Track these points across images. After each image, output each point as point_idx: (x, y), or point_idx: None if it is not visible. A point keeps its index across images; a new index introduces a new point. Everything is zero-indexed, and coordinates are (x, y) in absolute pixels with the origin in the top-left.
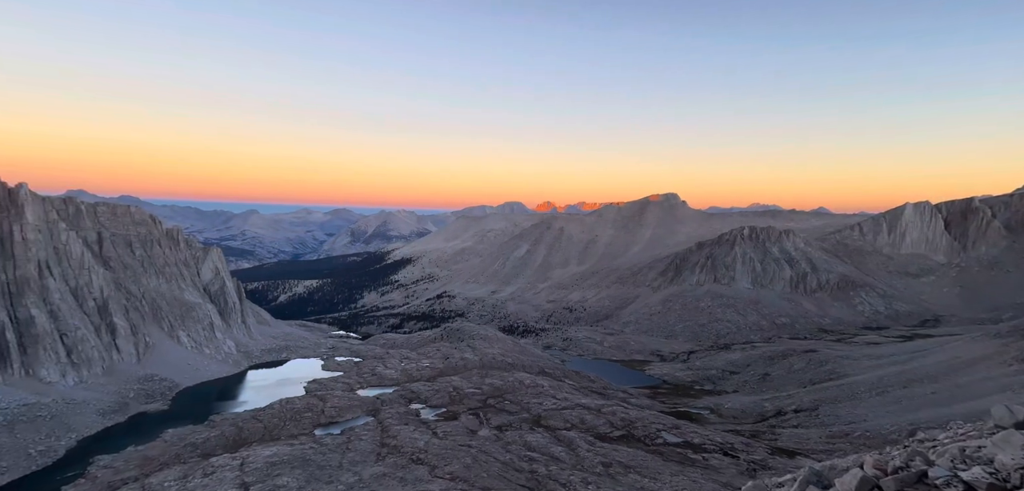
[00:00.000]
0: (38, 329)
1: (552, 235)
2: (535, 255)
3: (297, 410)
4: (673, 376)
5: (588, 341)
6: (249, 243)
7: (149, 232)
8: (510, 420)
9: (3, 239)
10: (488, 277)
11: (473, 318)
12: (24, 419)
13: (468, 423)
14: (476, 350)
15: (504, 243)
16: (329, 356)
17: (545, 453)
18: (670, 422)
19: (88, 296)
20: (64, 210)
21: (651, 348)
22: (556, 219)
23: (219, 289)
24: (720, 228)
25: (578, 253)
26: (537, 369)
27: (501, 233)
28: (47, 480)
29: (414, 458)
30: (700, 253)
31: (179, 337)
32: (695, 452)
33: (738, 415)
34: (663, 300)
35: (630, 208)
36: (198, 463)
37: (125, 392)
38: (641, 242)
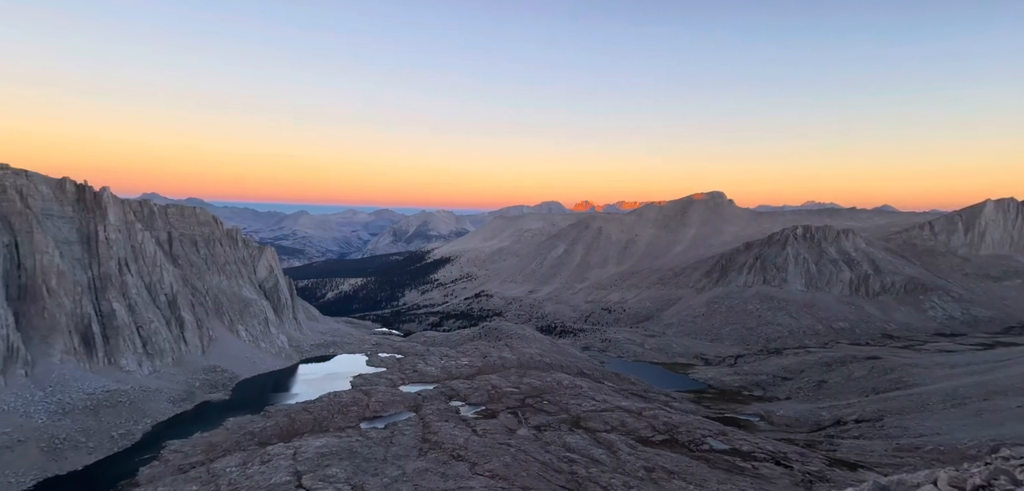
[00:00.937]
0: (119, 321)
1: (590, 235)
2: (573, 255)
3: (344, 404)
4: (719, 381)
5: (628, 343)
6: (299, 242)
7: (212, 232)
8: (549, 420)
9: (90, 238)
10: (525, 277)
11: (510, 317)
12: (107, 404)
13: (507, 422)
14: (514, 349)
15: (541, 243)
16: (373, 352)
17: (585, 455)
18: (716, 428)
19: (160, 291)
20: (140, 212)
21: (695, 351)
22: (594, 218)
23: (273, 286)
24: (770, 227)
25: (617, 253)
26: (575, 370)
27: (538, 233)
28: (127, 461)
29: (454, 454)
30: (748, 253)
31: (238, 331)
32: (744, 460)
33: (791, 423)
34: (708, 302)
35: (672, 207)
36: (256, 451)
37: (192, 382)
38: (684, 242)
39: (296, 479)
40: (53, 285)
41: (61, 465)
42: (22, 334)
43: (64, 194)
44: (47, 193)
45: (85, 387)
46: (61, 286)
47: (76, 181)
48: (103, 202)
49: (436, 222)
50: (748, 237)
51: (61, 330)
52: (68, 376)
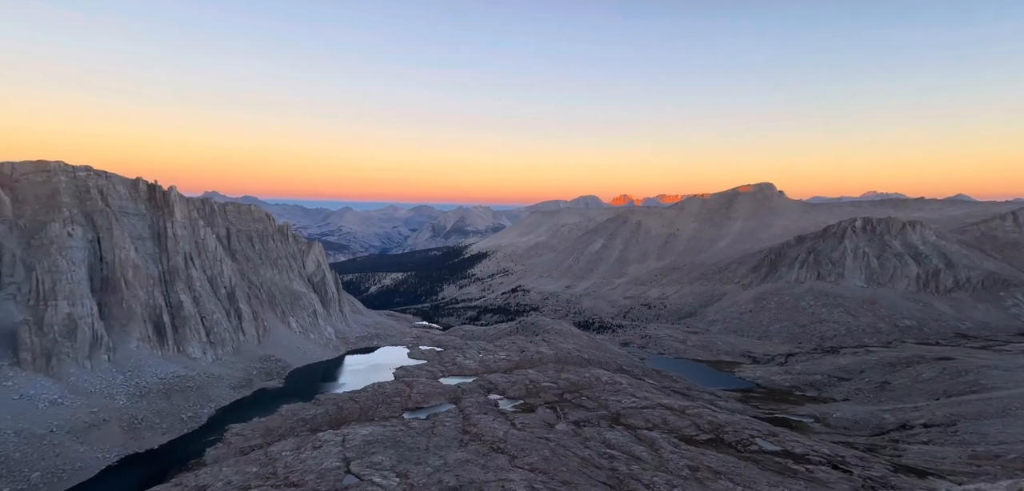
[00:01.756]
0: (186, 312)
1: (629, 229)
2: (611, 250)
3: (388, 394)
4: (768, 380)
5: (669, 339)
6: (344, 238)
7: (265, 228)
8: (587, 416)
9: (160, 234)
10: (562, 272)
11: (547, 313)
12: (177, 388)
13: (545, 416)
14: (551, 344)
15: (578, 238)
16: (414, 345)
17: (626, 452)
18: (766, 428)
19: (220, 284)
20: (202, 209)
21: (741, 349)
22: (633, 213)
23: (321, 280)
24: (825, 220)
25: (657, 248)
26: (615, 366)
27: (575, 227)
28: (195, 442)
29: (494, 447)
30: (800, 247)
31: (289, 323)
32: (797, 462)
33: (850, 426)
34: (755, 298)
35: (716, 200)
36: (308, 437)
37: (249, 369)
38: (729, 236)
39: (345, 465)
40: (130, 277)
41: (140, 443)
42: (104, 322)
43: (138, 193)
44: (123, 193)
45: (158, 372)
46: (136, 278)
47: (148, 181)
48: (170, 201)
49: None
50: (800, 231)
51: (137, 319)
52: (143, 361)
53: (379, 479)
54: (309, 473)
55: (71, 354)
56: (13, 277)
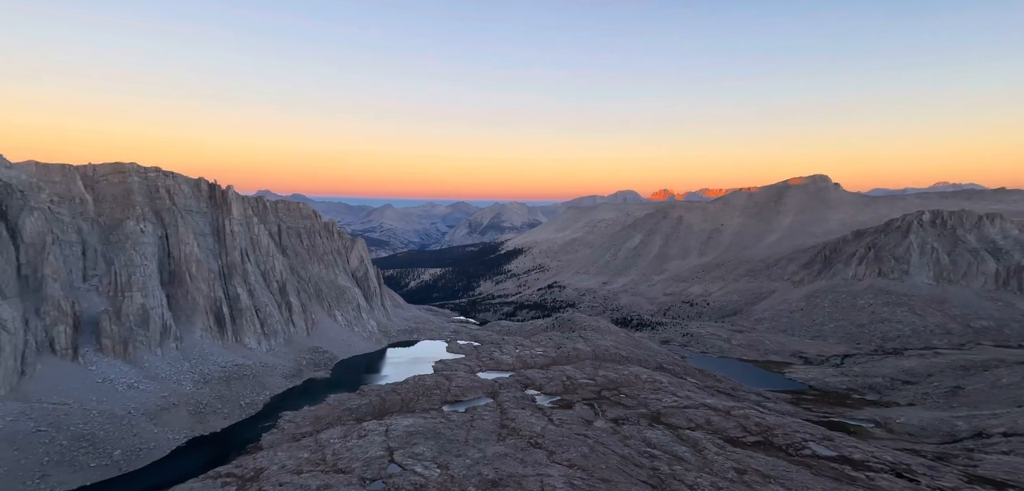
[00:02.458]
0: (242, 304)
1: (669, 224)
2: (649, 246)
3: (428, 387)
4: (822, 381)
5: (712, 338)
6: (385, 234)
7: (313, 225)
8: (626, 414)
9: (218, 231)
10: (599, 268)
11: (584, 309)
12: (236, 376)
13: (583, 413)
14: (588, 341)
15: (615, 233)
16: (452, 339)
17: (667, 452)
18: (820, 432)
19: (272, 278)
20: (256, 207)
21: (792, 349)
22: (674, 207)
23: (363, 275)
24: (887, 213)
25: (699, 243)
26: (654, 364)
27: (612, 223)
28: (252, 427)
29: (532, 442)
30: (858, 243)
31: (335, 316)
32: (856, 469)
33: (916, 432)
34: (807, 296)
35: (764, 193)
36: (354, 426)
37: (300, 360)
38: (778, 231)
39: (388, 454)
40: (193, 272)
41: (205, 426)
42: (172, 313)
43: (200, 193)
44: (187, 192)
45: (219, 361)
46: (199, 273)
47: (209, 181)
48: (228, 199)
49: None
50: (858, 225)
51: (200, 311)
52: (206, 350)
53: (421, 469)
54: (355, 461)
55: (145, 342)
56: (95, 270)
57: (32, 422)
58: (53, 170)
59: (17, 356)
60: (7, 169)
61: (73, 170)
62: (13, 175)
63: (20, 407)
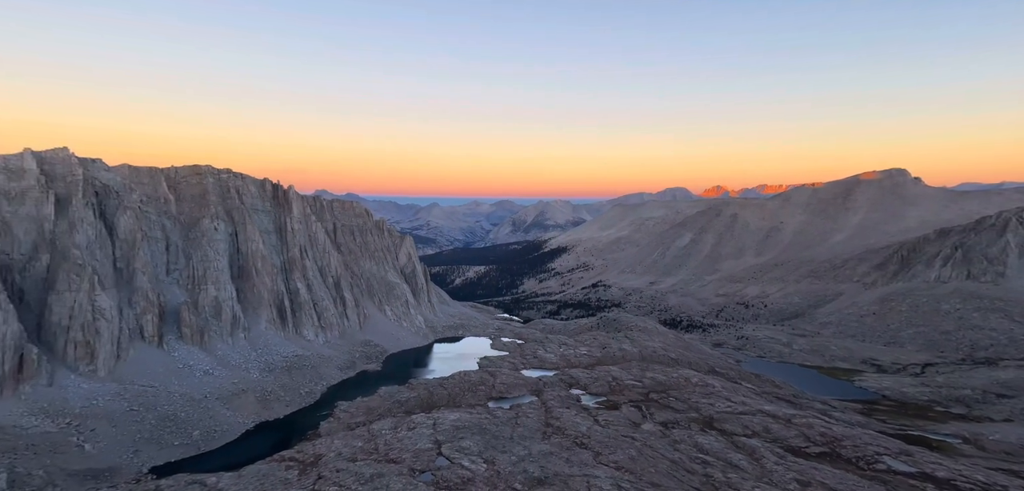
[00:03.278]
0: (301, 298)
1: (722, 223)
2: (701, 245)
3: (473, 382)
4: (899, 391)
5: (770, 341)
6: (432, 232)
7: (365, 223)
8: (676, 418)
9: (280, 228)
10: (646, 267)
11: (630, 309)
12: (297, 367)
13: (630, 415)
14: (634, 342)
15: (664, 232)
16: (496, 336)
17: (721, 458)
18: (896, 446)
19: (328, 274)
20: (314, 205)
21: (862, 355)
22: (727, 205)
23: (411, 272)
24: (978, 210)
25: (756, 242)
26: (706, 367)
27: (661, 221)
28: (311, 415)
29: (578, 442)
30: (943, 242)
31: (385, 311)
32: (939, 488)
33: (1014, 451)
34: (880, 299)
35: (831, 189)
36: (404, 418)
37: (353, 353)
38: (846, 229)
39: (437, 447)
40: (259, 267)
41: (270, 412)
42: (241, 305)
43: (264, 192)
44: (254, 192)
45: (282, 351)
46: (264, 268)
47: (272, 181)
48: (289, 198)
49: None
50: (942, 223)
51: (265, 304)
52: (271, 341)
53: (468, 463)
54: (405, 452)
55: (218, 331)
56: (177, 264)
57: (126, 402)
58: (142, 173)
59: (114, 341)
60: (106, 172)
61: (159, 173)
62: (111, 177)
63: (116, 388)
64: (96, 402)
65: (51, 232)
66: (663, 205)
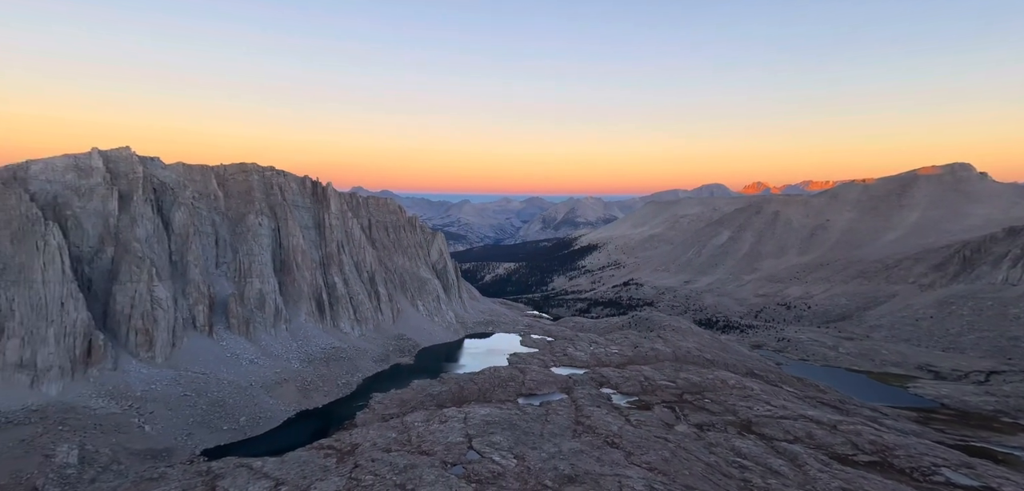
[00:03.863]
0: (338, 292)
1: (763, 220)
2: (739, 243)
3: (503, 378)
4: (959, 400)
5: (814, 344)
6: (463, 229)
7: (398, 219)
8: (712, 420)
9: (319, 224)
10: (680, 266)
11: (663, 308)
12: (334, 358)
13: (663, 416)
14: (668, 342)
15: (700, 229)
16: (526, 333)
17: (760, 463)
18: (956, 458)
19: (363, 269)
20: (350, 202)
21: (917, 361)
22: (768, 202)
23: (443, 268)
24: None
25: (800, 241)
26: (744, 369)
27: (696, 219)
28: (348, 405)
29: (609, 441)
30: (1012, 241)
31: (417, 306)
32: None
33: None
34: (939, 302)
35: (884, 185)
36: (435, 411)
37: (387, 346)
38: (900, 228)
39: (467, 441)
40: (299, 261)
41: (309, 402)
42: (282, 298)
43: (305, 189)
44: (295, 188)
45: (320, 343)
46: (304, 262)
47: (312, 179)
48: (328, 195)
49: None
50: (1012, 220)
51: (305, 297)
52: (310, 333)
53: (498, 457)
54: (437, 444)
55: (262, 322)
56: (225, 258)
57: (180, 387)
58: (194, 170)
59: (170, 330)
60: (163, 170)
61: (209, 170)
62: (167, 175)
63: (172, 374)
64: (154, 387)
65: (115, 226)
66: (699, 202)
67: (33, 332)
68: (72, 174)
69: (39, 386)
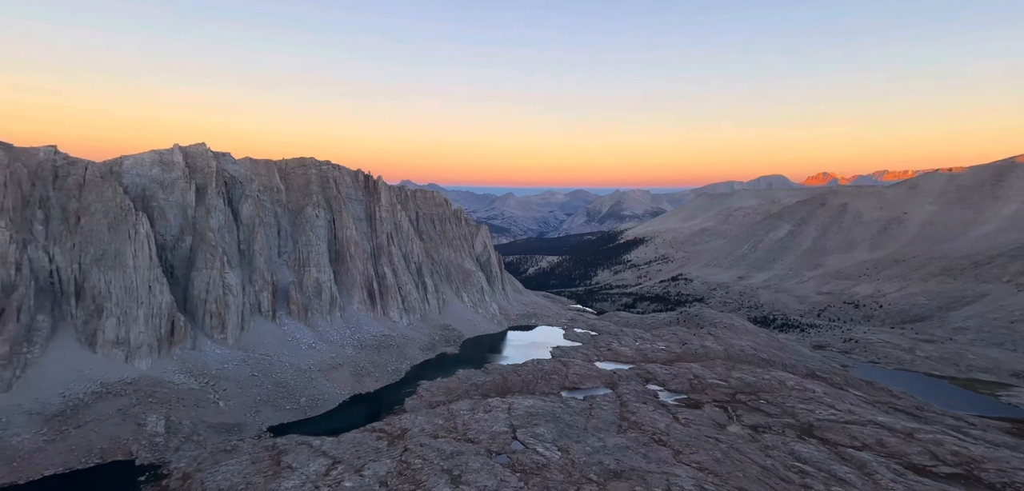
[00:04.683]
0: (388, 282)
1: (828, 213)
2: (800, 237)
3: (546, 371)
4: None
5: (887, 346)
6: (506, 222)
7: (444, 212)
8: (768, 422)
9: (370, 216)
10: (733, 261)
11: (714, 305)
12: (385, 345)
13: (714, 415)
14: (719, 339)
15: (756, 223)
16: (569, 327)
17: (823, 470)
18: None
19: (411, 260)
20: (399, 195)
21: (1012, 367)
22: (835, 194)
23: (487, 260)
24: None
25: (871, 235)
26: (804, 370)
27: (752, 212)
28: (397, 391)
29: (656, 438)
30: None
31: (462, 297)
32: None
33: None
34: None
35: (975, 175)
36: (480, 400)
37: (433, 335)
38: (994, 221)
39: (511, 431)
40: (352, 252)
41: (362, 386)
42: (337, 287)
43: (357, 182)
44: (349, 181)
45: (372, 331)
46: (356, 253)
47: (364, 172)
48: (378, 188)
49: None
50: None
51: (357, 286)
52: (362, 321)
53: (542, 449)
54: (482, 433)
55: (319, 309)
56: (286, 247)
57: (249, 368)
58: (260, 165)
59: (239, 314)
60: (232, 164)
61: (272, 165)
62: (236, 169)
63: (242, 355)
64: (227, 366)
65: (193, 217)
66: (756, 194)
67: (126, 312)
68: (157, 168)
69: (132, 361)
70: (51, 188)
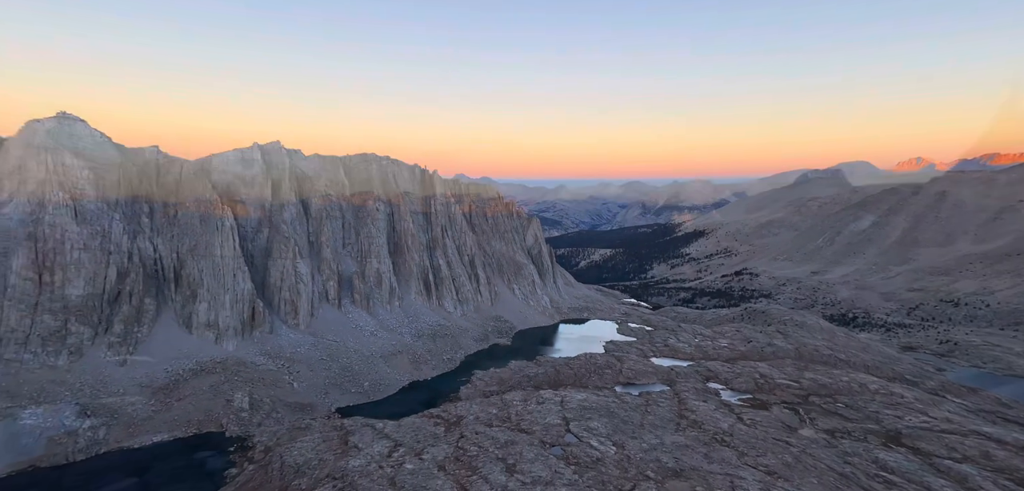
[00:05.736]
0: (443, 274)
1: (922, 202)
2: (887, 228)
3: (599, 366)
4: None
5: (995, 350)
6: (558, 214)
7: (496, 205)
8: (847, 427)
9: (426, 209)
10: (806, 255)
11: (783, 301)
12: (440, 335)
13: (783, 417)
14: (789, 337)
15: (834, 213)
16: (623, 321)
17: (914, 481)
18: None
19: (464, 252)
20: (454, 188)
21: None
22: (934, 182)
23: (538, 253)
24: None
25: (976, 226)
26: (889, 373)
27: (829, 201)
28: (452, 380)
29: (718, 438)
30: None
31: (514, 289)
32: None
33: None
34: None
35: None
36: (533, 392)
37: (486, 326)
38: None
39: (565, 424)
40: (409, 244)
41: (420, 373)
42: (396, 277)
43: (414, 176)
44: (406, 175)
45: (428, 320)
46: (413, 245)
47: (421, 167)
48: (434, 182)
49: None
50: None
51: (414, 277)
52: (419, 310)
53: (596, 443)
54: (536, 424)
55: (379, 298)
56: (349, 239)
57: (318, 352)
58: (327, 161)
59: (309, 301)
60: (303, 161)
61: (338, 160)
62: (306, 165)
63: (312, 340)
64: (299, 350)
65: (269, 209)
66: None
67: (215, 298)
68: (239, 165)
69: (221, 342)
70: (154, 184)
